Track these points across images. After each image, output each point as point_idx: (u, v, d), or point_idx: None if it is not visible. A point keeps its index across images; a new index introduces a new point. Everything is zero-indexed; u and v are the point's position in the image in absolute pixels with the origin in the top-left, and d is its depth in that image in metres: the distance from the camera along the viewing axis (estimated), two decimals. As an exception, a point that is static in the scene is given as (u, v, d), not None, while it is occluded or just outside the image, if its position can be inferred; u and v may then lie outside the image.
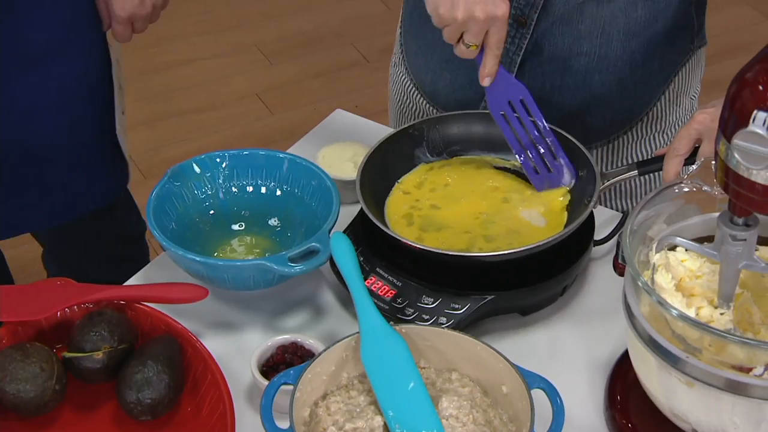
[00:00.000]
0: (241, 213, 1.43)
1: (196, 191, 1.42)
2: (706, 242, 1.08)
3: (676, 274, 1.10)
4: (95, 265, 1.85)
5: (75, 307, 1.26)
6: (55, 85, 1.48)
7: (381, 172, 1.40)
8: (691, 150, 1.29)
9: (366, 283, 1.23)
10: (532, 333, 1.31)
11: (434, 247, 1.28)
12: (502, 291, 1.27)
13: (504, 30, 1.28)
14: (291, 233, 1.41)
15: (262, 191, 1.43)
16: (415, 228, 1.35)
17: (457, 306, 1.25)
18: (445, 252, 1.28)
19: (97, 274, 1.46)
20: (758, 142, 0.92)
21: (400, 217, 1.37)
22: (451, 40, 1.30)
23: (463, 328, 1.22)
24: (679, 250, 1.13)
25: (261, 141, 3.06)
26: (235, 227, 1.43)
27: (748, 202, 0.97)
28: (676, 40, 1.48)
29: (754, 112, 0.91)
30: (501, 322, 1.31)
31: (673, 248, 1.13)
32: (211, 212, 1.42)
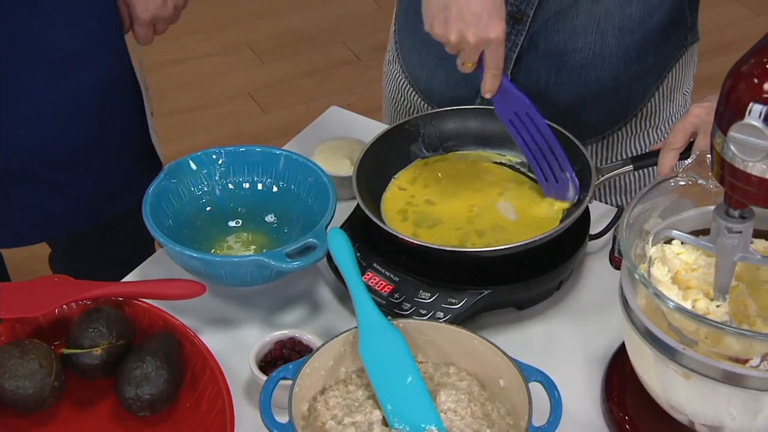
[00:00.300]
0: (238, 209, 1.43)
1: (193, 188, 1.42)
2: (702, 235, 1.09)
3: (672, 266, 1.11)
4: (103, 269, 1.83)
5: (73, 303, 1.26)
6: (84, 90, 1.45)
7: (377, 168, 1.40)
8: (687, 143, 1.29)
9: (363, 279, 1.24)
10: (529, 327, 1.32)
11: (429, 242, 1.29)
12: (499, 285, 1.27)
13: (500, 51, 1.25)
14: (288, 229, 1.41)
15: (259, 188, 1.43)
16: (410, 224, 1.35)
17: (454, 301, 1.25)
18: (441, 247, 1.27)
19: (102, 278, 1.45)
20: (754, 135, 0.92)
21: (395, 213, 1.37)
22: (451, 53, 1.28)
23: (461, 323, 1.23)
24: (675, 243, 1.13)
25: (254, 140, 3.05)
26: (232, 224, 1.43)
27: (743, 195, 0.98)
28: (670, 36, 1.48)
29: (750, 104, 0.92)
30: (498, 316, 1.31)
31: (669, 241, 1.13)
32: (208, 209, 1.42)
